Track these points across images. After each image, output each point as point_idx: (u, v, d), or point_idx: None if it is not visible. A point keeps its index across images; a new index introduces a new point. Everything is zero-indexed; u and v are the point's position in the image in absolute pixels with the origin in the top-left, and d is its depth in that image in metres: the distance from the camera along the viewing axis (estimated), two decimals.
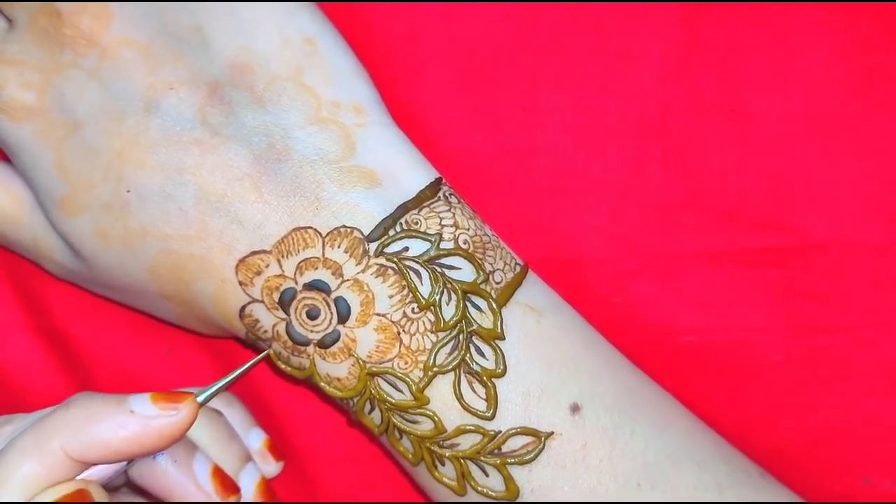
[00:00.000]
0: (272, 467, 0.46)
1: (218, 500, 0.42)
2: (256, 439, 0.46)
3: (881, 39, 0.45)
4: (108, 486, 0.41)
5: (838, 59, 0.46)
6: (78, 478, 0.39)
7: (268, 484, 0.45)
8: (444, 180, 0.43)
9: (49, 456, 0.38)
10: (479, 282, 0.41)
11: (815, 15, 0.46)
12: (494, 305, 0.41)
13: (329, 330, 0.41)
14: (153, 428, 0.38)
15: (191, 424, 0.39)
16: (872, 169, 0.46)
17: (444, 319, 0.41)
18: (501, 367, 0.41)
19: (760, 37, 0.46)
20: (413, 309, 0.41)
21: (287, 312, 0.41)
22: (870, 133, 0.46)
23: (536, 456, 0.41)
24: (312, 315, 0.41)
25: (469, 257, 0.41)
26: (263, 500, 0.45)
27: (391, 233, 0.41)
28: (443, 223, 0.42)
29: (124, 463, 0.40)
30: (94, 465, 0.39)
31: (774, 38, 0.46)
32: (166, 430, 0.39)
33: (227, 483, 0.42)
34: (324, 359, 0.41)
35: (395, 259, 0.41)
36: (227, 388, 0.41)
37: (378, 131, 0.43)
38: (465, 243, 0.42)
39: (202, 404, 0.40)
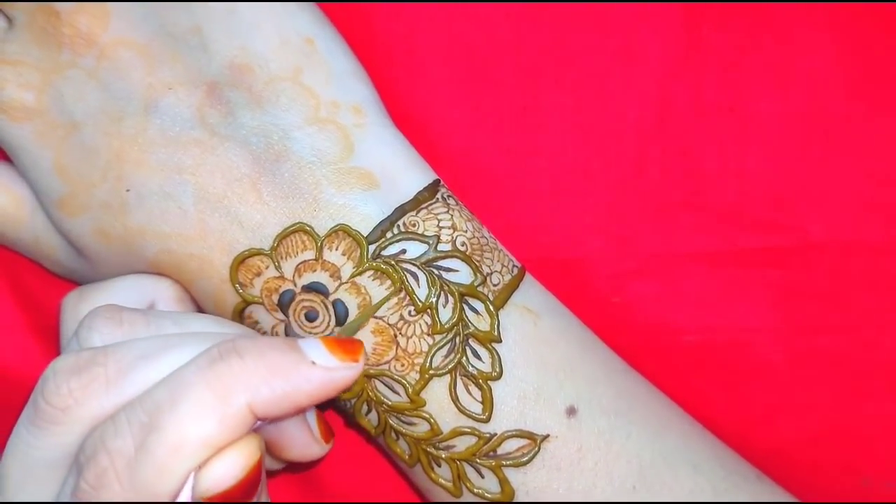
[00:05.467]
0: None
1: (321, 445, 0.41)
2: None
3: (881, 39, 0.45)
4: None
5: (838, 60, 0.45)
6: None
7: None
8: (441, 182, 0.43)
9: (232, 416, 0.34)
10: (476, 284, 0.41)
11: (816, 15, 0.45)
12: (491, 308, 0.41)
13: (327, 332, 0.41)
14: (333, 380, 0.35)
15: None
16: (872, 169, 0.45)
17: (440, 322, 0.41)
18: (497, 370, 0.41)
19: (760, 37, 0.46)
20: (410, 312, 0.41)
21: (286, 314, 0.41)
22: (870, 133, 0.45)
23: (532, 458, 0.41)
24: (311, 317, 0.41)
25: (467, 259, 0.41)
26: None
27: (388, 235, 0.41)
28: (441, 225, 0.42)
29: None
30: (266, 420, 0.35)
31: (774, 39, 0.46)
32: (342, 382, 0.36)
33: (328, 428, 0.41)
34: None
35: (393, 262, 0.41)
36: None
37: (377, 132, 0.43)
38: (462, 245, 0.42)
39: None
